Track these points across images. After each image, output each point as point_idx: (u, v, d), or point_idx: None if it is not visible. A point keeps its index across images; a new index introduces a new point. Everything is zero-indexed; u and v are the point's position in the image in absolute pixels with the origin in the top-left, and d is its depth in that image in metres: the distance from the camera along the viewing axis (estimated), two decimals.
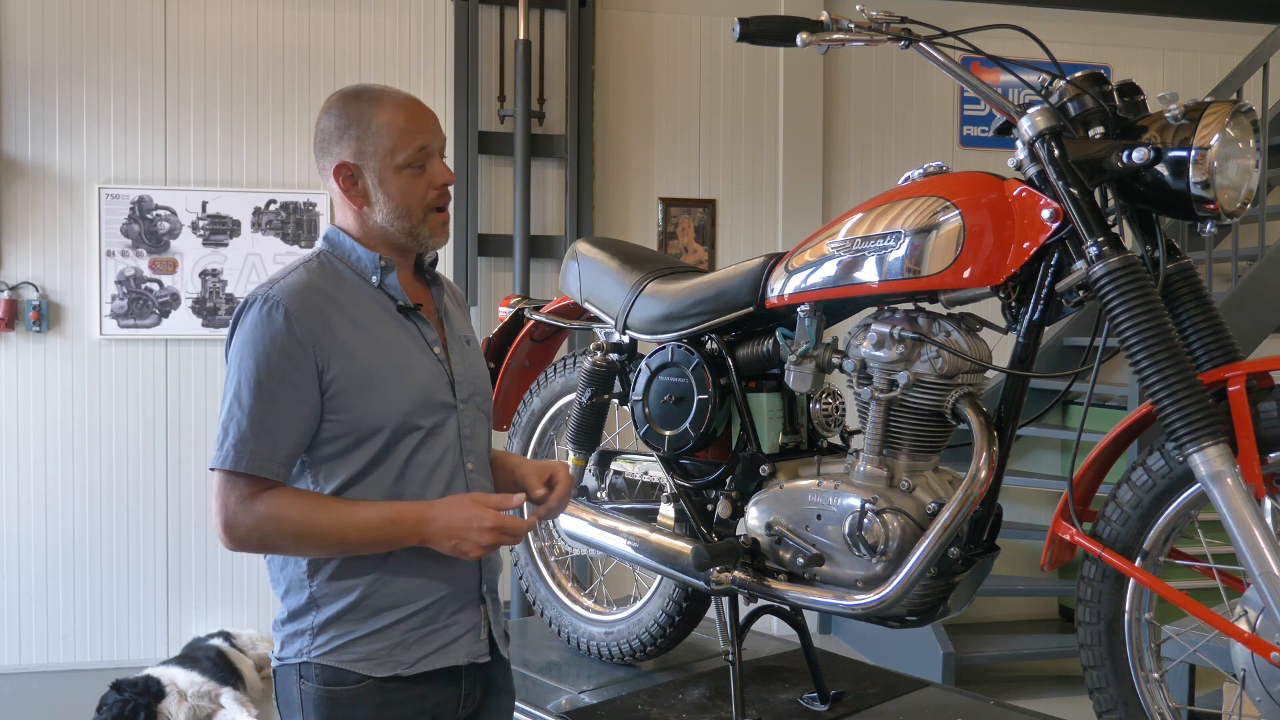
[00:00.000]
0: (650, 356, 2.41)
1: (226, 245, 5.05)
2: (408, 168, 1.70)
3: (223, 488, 1.62)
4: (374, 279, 1.73)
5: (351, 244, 1.75)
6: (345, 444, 1.67)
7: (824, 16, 1.88)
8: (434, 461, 1.73)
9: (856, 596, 1.95)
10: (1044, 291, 1.83)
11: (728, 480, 2.25)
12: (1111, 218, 1.77)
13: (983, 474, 1.84)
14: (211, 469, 1.63)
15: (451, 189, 1.78)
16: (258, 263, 5.07)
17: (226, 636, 4.75)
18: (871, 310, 2.06)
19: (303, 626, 1.69)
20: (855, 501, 1.96)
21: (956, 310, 1.96)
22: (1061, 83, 1.81)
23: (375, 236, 1.75)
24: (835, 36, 1.87)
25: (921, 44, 1.89)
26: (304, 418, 1.64)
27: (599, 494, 2.61)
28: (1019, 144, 1.81)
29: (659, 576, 2.54)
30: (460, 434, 1.77)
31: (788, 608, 2.24)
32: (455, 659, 1.74)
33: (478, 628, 1.78)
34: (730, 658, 2.21)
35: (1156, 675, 1.82)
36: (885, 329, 1.95)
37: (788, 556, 2.07)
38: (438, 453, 1.73)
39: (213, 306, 5.02)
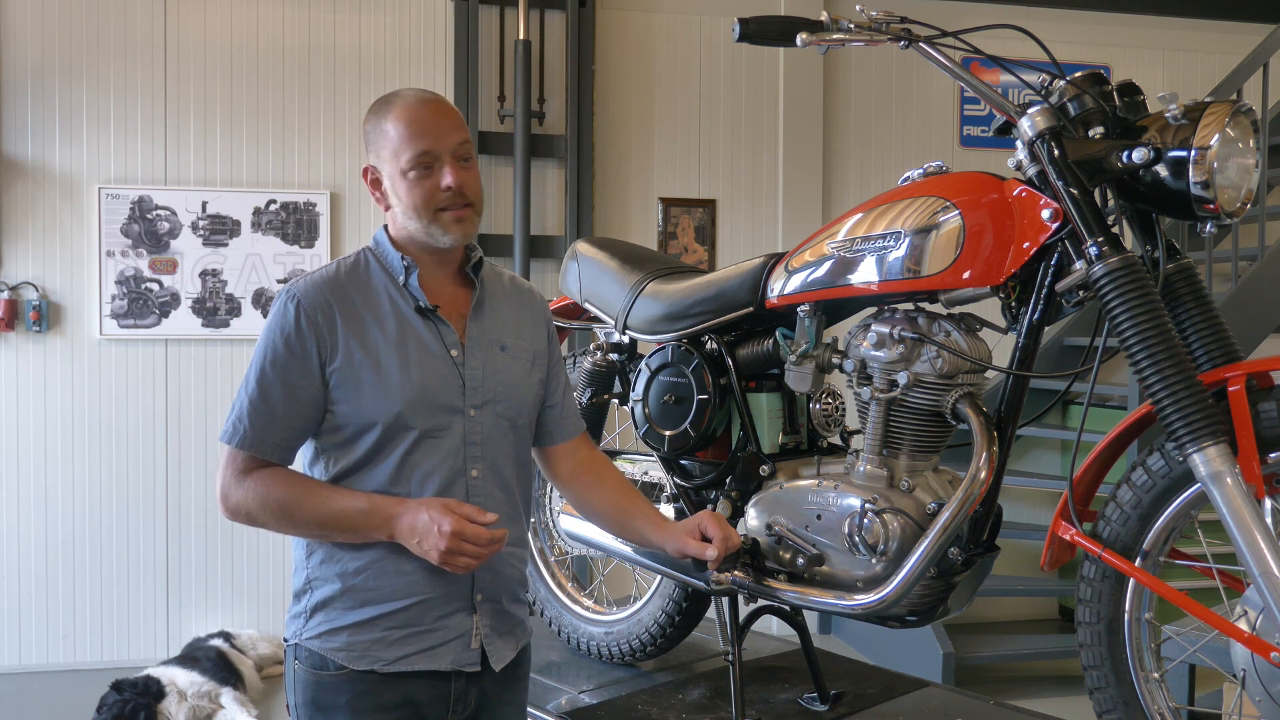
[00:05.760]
0: (650, 356, 2.41)
1: (226, 245, 5.05)
2: (412, 170, 1.73)
3: (224, 461, 1.72)
4: (400, 278, 1.78)
5: (387, 244, 1.81)
6: (345, 435, 1.72)
7: (824, 16, 1.88)
8: (432, 465, 1.72)
9: (856, 596, 1.95)
10: (1044, 291, 1.83)
11: (728, 480, 2.25)
12: (1111, 218, 1.77)
13: (983, 474, 1.84)
14: (219, 441, 1.74)
15: (466, 186, 1.77)
16: (258, 263, 5.07)
17: (226, 636, 4.75)
18: (871, 310, 2.06)
19: (299, 609, 1.76)
20: (855, 501, 1.96)
21: (956, 310, 1.95)
22: (1061, 83, 1.81)
23: (405, 235, 1.80)
24: (835, 36, 1.87)
25: (921, 44, 1.89)
26: (302, 404, 1.70)
27: None
28: (1019, 144, 1.81)
29: (659, 576, 2.54)
30: (467, 440, 1.75)
31: (788, 608, 2.24)
32: (438, 664, 1.73)
33: (467, 636, 1.76)
34: (730, 658, 2.20)
35: (1156, 675, 1.82)
36: (885, 329, 1.95)
37: (788, 556, 2.07)
38: (438, 456, 1.73)
39: (213, 306, 5.02)
